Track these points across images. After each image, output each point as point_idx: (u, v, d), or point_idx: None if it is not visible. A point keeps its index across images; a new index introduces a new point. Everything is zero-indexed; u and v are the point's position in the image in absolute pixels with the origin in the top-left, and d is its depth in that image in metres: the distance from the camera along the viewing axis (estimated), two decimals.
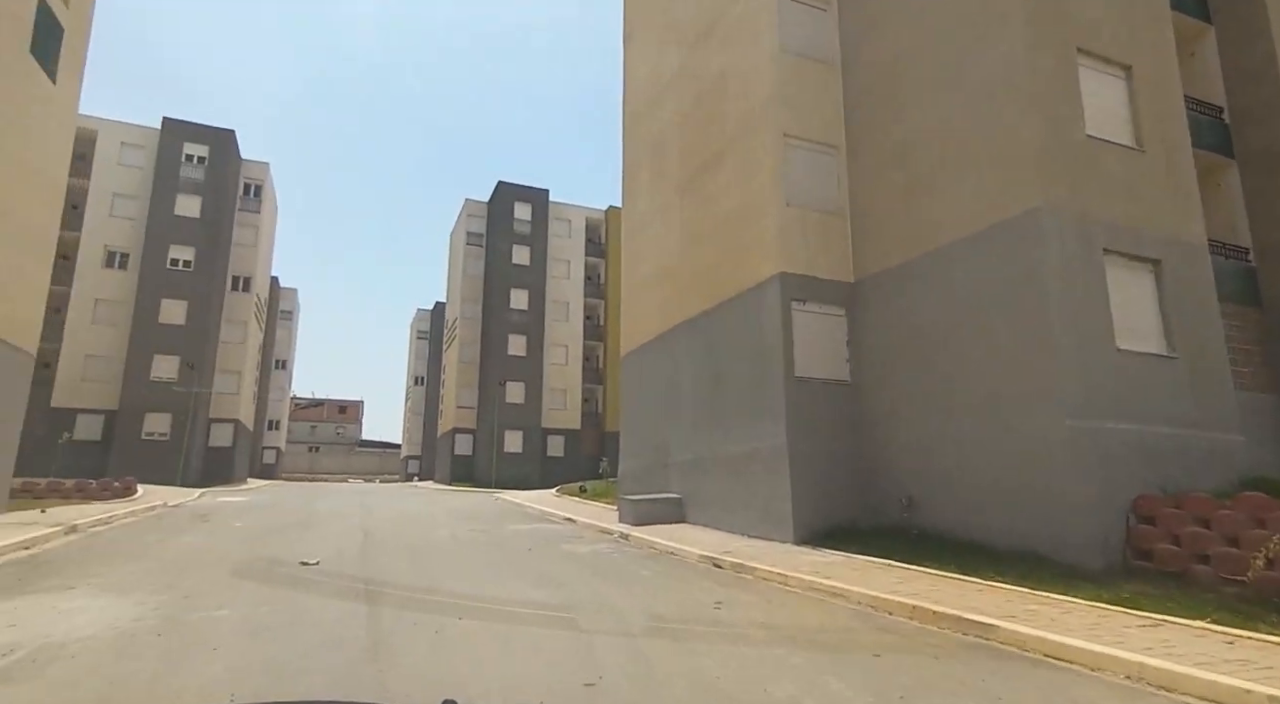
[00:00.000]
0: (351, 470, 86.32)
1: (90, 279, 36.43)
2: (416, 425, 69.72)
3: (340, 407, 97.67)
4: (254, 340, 43.63)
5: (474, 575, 8.86)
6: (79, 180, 37.24)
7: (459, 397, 45.94)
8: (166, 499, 20.59)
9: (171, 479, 33.88)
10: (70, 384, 35.38)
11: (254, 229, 42.56)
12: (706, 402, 14.34)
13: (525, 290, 45.04)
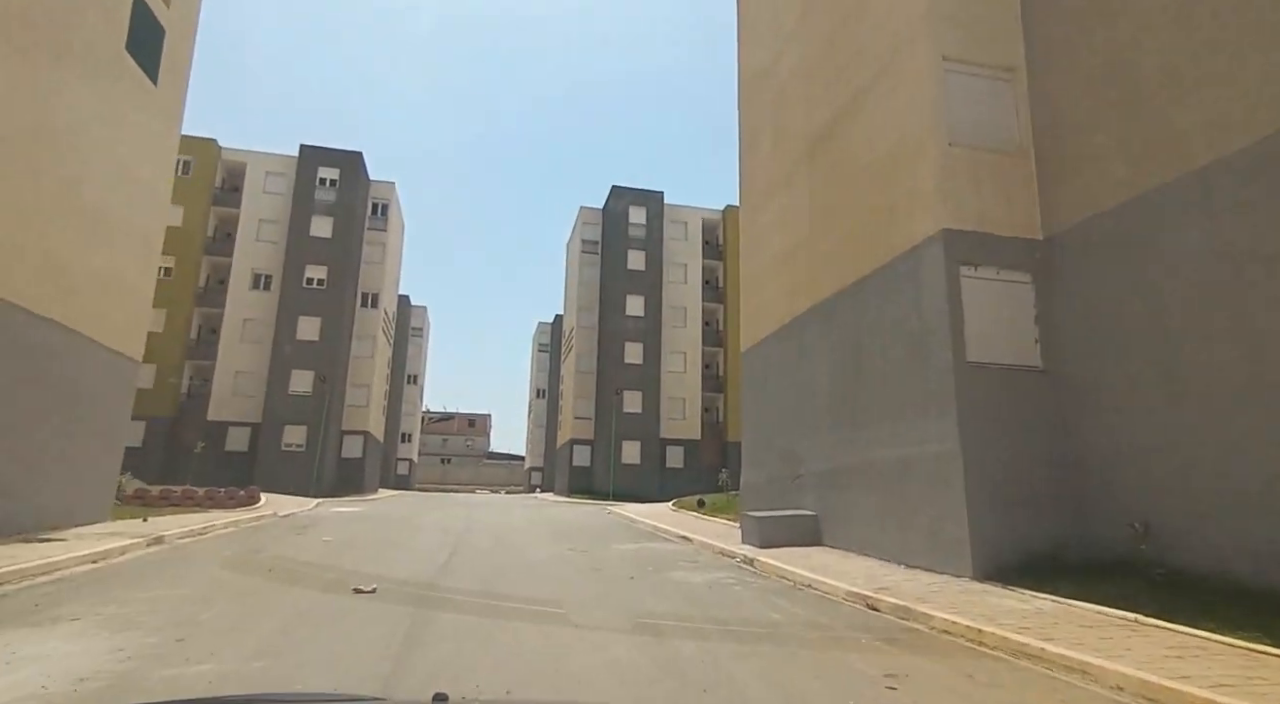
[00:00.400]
0: (480, 481, 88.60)
1: (240, 300, 38.67)
2: (539, 437, 70.13)
3: (469, 420, 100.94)
4: (382, 355, 44.93)
5: (553, 615, 6.92)
6: (230, 209, 39.87)
7: (576, 407, 45.07)
8: (279, 509, 20.41)
9: (306, 489, 34.96)
10: (223, 398, 37.55)
11: (381, 247, 43.92)
12: (845, 399, 11.77)
13: (641, 296, 43.59)
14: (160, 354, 36.92)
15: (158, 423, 36.15)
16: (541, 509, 27.94)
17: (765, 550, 11.80)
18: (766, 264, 15.54)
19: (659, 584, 8.94)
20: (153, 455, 35.69)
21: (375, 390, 42.85)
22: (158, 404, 36.37)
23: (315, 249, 39.35)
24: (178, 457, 36.58)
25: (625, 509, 25.85)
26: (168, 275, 37.86)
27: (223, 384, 37.70)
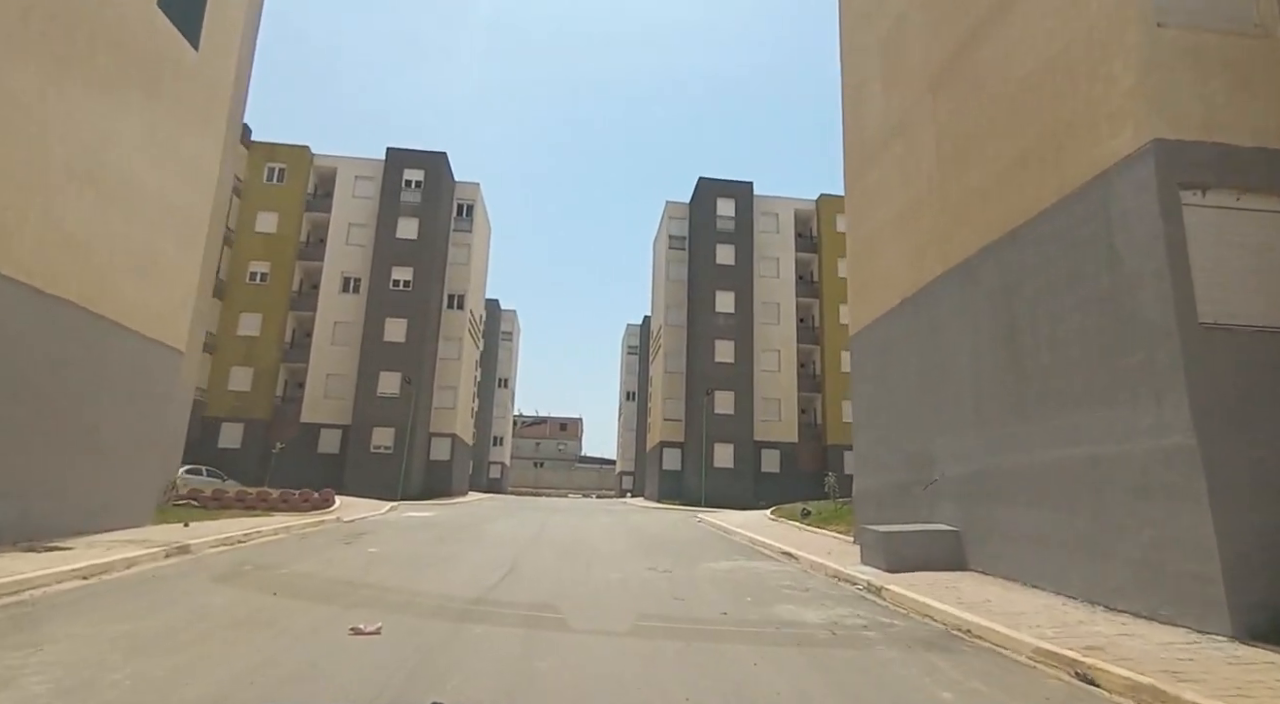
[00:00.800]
0: (572, 485, 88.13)
1: (330, 304, 39.02)
2: (629, 441, 68.61)
3: (561, 424, 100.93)
4: (469, 356, 44.47)
5: (612, 677, 4.79)
6: (322, 214, 40.42)
7: (665, 408, 43.02)
8: (348, 513, 19.37)
9: (393, 491, 34.59)
10: (315, 400, 37.90)
11: (466, 248, 43.50)
12: (998, 384, 9.08)
13: (731, 292, 41.09)
14: (257, 357, 37.68)
15: (255, 425, 36.79)
16: (626, 516, 26.00)
17: (894, 576, 9.26)
18: (880, 228, 12.91)
19: (762, 626, 6.65)
20: (250, 457, 36.34)
21: (462, 392, 42.38)
22: (255, 407, 37.06)
23: (401, 251, 39.22)
24: (275, 458, 37.13)
25: (717, 517, 23.51)
26: (263, 281, 38.71)
27: (315, 387, 38.05)
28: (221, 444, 36.38)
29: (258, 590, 7.52)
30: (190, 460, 36.36)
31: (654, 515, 26.52)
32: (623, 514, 27.21)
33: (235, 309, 37.92)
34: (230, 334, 37.62)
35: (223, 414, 36.66)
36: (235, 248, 38.61)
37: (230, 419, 36.70)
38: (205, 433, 36.32)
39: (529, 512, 26.43)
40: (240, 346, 37.53)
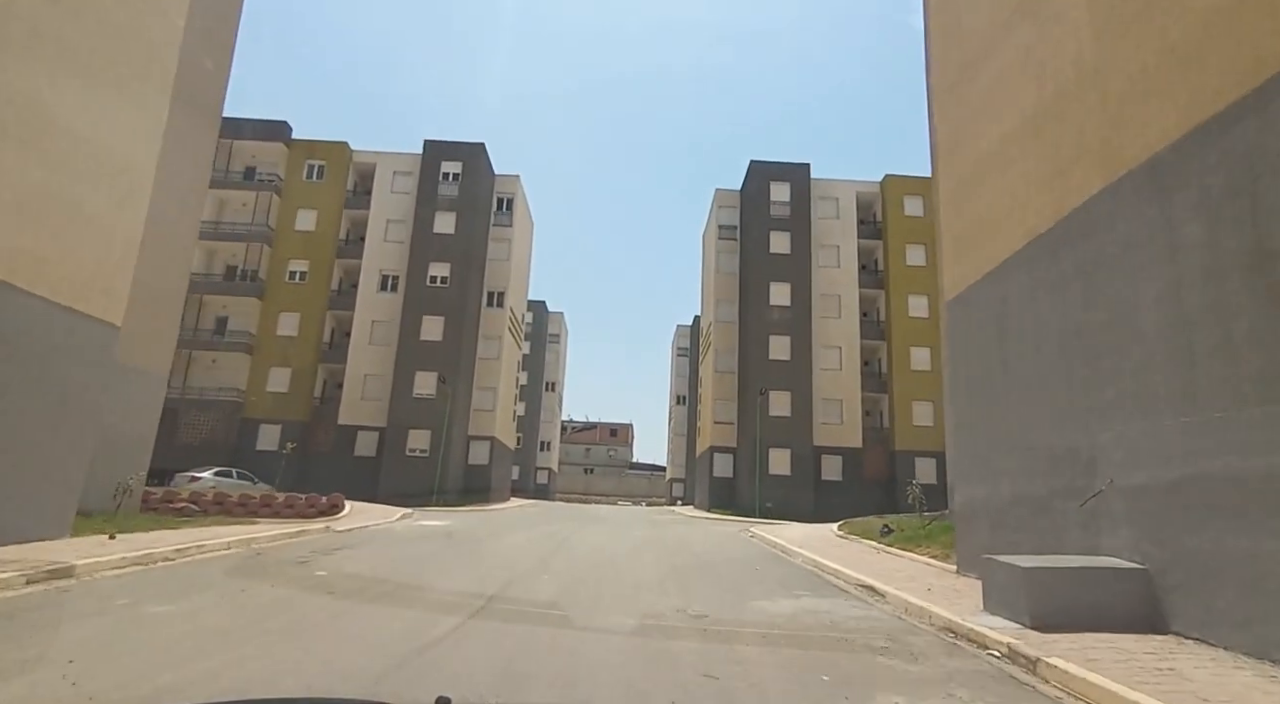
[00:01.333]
0: (622, 492, 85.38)
1: (369, 302, 37.32)
2: (680, 447, 65.41)
3: (611, 429, 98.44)
4: (510, 356, 42.19)
5: None
6: (362, 211, 38.87)
7: (715, 410, 39.74)
8: (345, 523, 16.89)
9: (427, 497, 32.40)
10: (352, 402, 36.15)
11: (506, 243, 41.30)
12: (1223, 335, 5.72)
13: (787, 283, 37.59)
14: (295, 358, 36.18)
15: (292, 427, 35.20)
16: (670, 527, 22.88)
17: (1048, 637, 5.95)
18: (990, 152, 9.55)
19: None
20: (284, 458, 34.79)
21: (503, 394, 40.07)
22: (292, 408, 35.51)
23: (438, 246, 37.24)
24: (311, 461, 35.56)
25: (774, 531, 20.18)
26: (302, 280, 37.27)
27: (352, 388, 36.31)
28: (260, 446, 34.92)
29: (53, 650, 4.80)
30: (227, 463, 35.12)
31: (701, 528, 23.35)
32: (666, 525, 24.11)
33: (275, 309, 36.56)
34: (270, 334, 36.25)
35: (260, 415, 35.23)
36: (275, 247, 37.35)
37: (268, 420, 35.22)
38: (244, 435, 34.96)
39: (562, 521, 23.65)
40: (279, 347, 36.11)
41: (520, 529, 18.25)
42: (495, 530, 17.20)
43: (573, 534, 17.78)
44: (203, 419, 34.43)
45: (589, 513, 33.28)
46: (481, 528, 17.98)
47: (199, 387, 35.20)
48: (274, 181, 37.76)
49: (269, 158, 38.70)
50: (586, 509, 38.88)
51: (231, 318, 36.84)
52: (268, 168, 38.31)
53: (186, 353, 35.48)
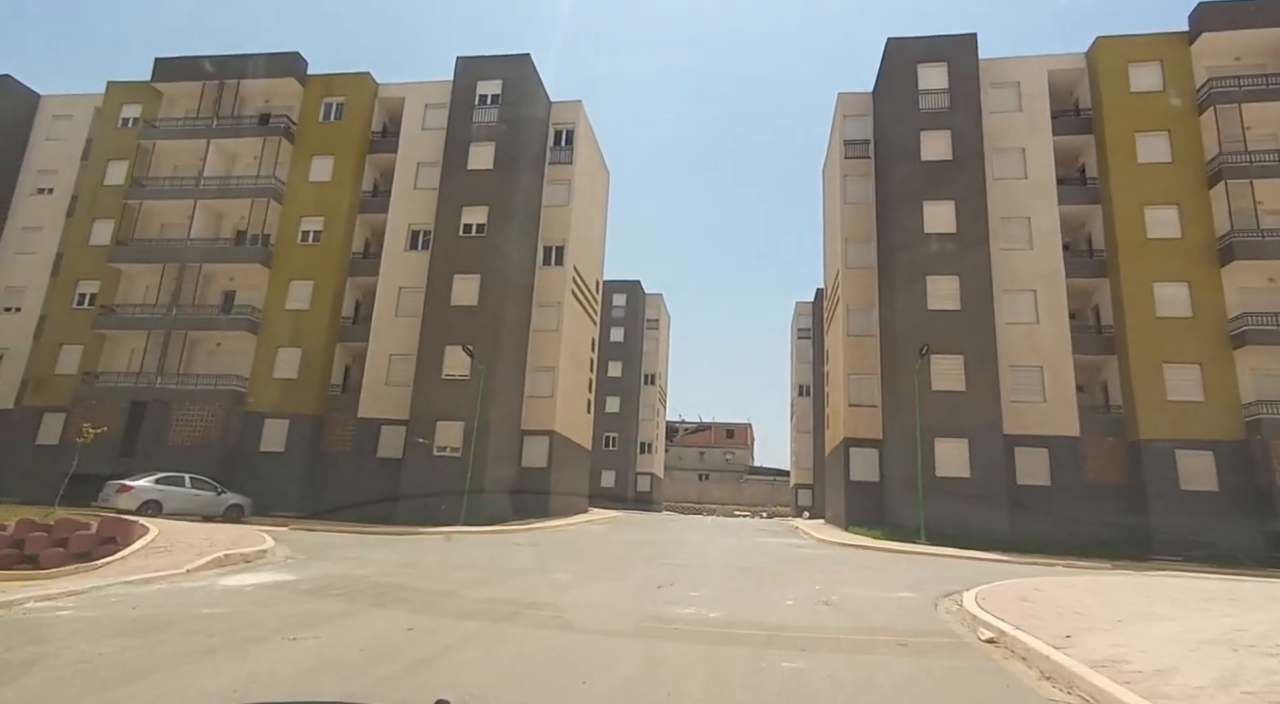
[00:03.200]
0: (741, 500, 74.51)
1: (395, 264, 29.63)
2: (806, 446, 53.92)
3: (727, 430, 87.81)
4: (576, 329, 33.14)
5: None
6: (387, 156, 31.40)
7: (850, 390, 28.57)
8: (54, 585, 8.03)
9: (454, 511, 23.82)
10: (375, 389, 28.44)
11: (565, 185, 32.40)
12: None
13: (948, 202, 25.95)
14: (306, 335, 28.98)
15: (302, 422, 27.96)
16: (780, 569, 12.43)
17: None
18: None
19: None
20: (294, 464, 27.55)
21: (566, 376, 31.07)
22: (302, 398, 28.23)
23: (473, 186, 28.90)
24: (325, 465, 28.19)
25: (986, 580, 9.37)
26: (315, 241, 30.16)
27: (375, 372, 28.62)
28: (264, 446, 27.93)
29: None
30: (220, 469, 28.44)
31: (838, 572, 12.68)
32: (776, 563, 13.64)
33: (284, 277, 29.64)
34: (278, 308, 29.34)
35: (266, 409, 28.25)
36: (286, 203, 30.54)
37: (275, 415, 28.18)
38: (246, 432, 28.10)
39: (593, 553, 13.94)
40: (288, 323, 29.09)
41: (511, 581, 8.80)
42: (450, 583, 7.82)
43: (593, 596, 8.09)
44: (198, 415, 27.85)
45: (666, 540, 23.41)
46: (432, 577, 8.64)
47: (198, 375, 28.77)
48: (284, 125, 31.03)
49: (284, 101, 32.14)
50: (675, 524, 29.11)
51: (240, 292, 30.37)
52: (281, 111, 31.70)
53: (183, 335, 29.22)
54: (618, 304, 56.23)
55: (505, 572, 10.70)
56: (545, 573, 10.60)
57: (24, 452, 29.10)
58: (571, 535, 20.14)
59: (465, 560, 11.97)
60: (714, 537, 23.43)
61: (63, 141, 34.03)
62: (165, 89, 32.41)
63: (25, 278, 32.33)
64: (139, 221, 30.89)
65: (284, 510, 26.44)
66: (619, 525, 27.79)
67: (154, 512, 20.73)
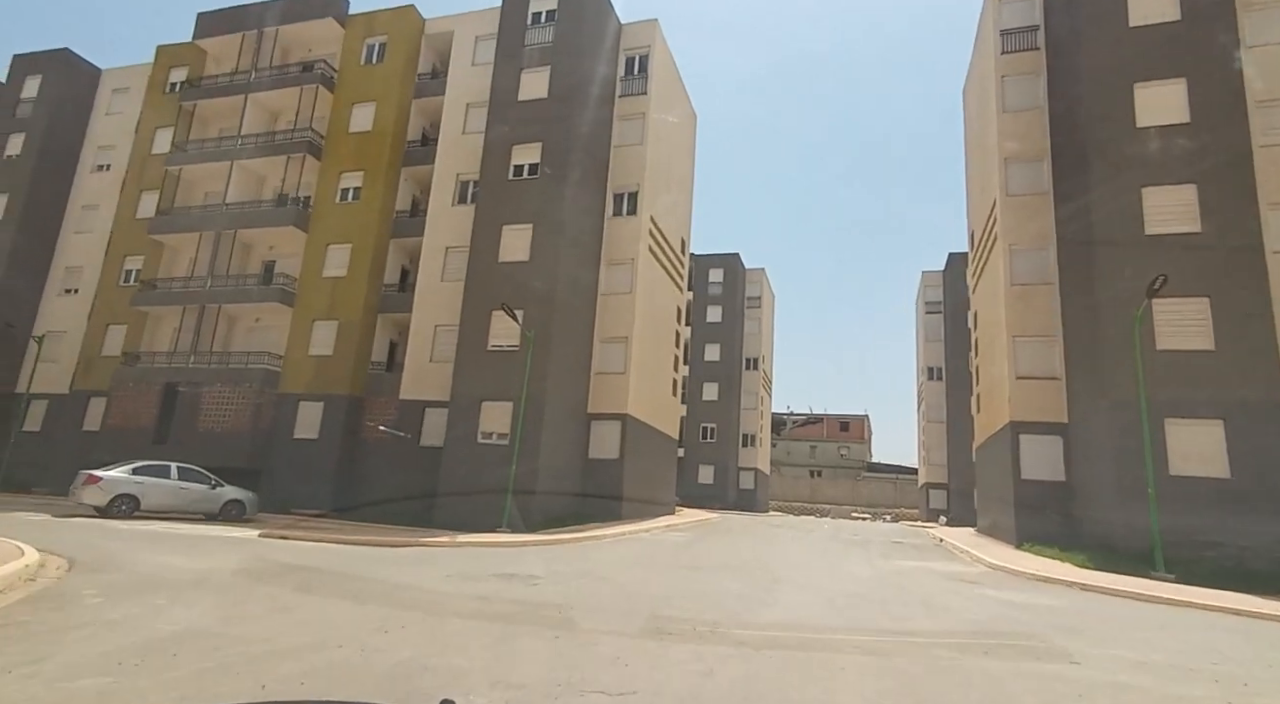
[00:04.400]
0: (859, 500, 66.04)
1: (441, 221, 24.96)
2: (937, 438, 45.29)
3: (841, 423, 79.15)
4: (654, 295, 27.20)
5: None
6: (434, 100, 26.84)
7: (1018, 358, 20.84)
8: None
9: (495, 512, 18.61)
10: (419, 367, 23.84)
11: (639, 121, 26.52)
12: None
13: (1175, 82, 17.78)
14: (343, 306, 24.86)
15: (337, 404, 23.80)
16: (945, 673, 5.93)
17: None
18: None
19: None
20: (329, 453, 23.42)
21: (640, 348, 25.23)
22: (338, 377, 24.08)
23: (525, 120, 23.65)
24: (364, 454, 23.90)
25: None
26: (355, 198, 26.01)
27: (419, 346, 24.04)
28: (298, 433, 24.02)
29: None
30: (250, 460, 24.80)
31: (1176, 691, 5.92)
32: (977, 645, 6.98)
33: (321, 240, 25.70)
34: (314, 276, 25.42)
35: (300, 390, 24.34)
36: (325, 158, 26.63)
37: (309, 397, 24.21)
38: (279, 417, 24.29)
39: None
40: (325, 292, 25.10)
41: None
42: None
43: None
44: (230, 398, 24.31)
45: (763, 547, 16.90)
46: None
47: (231, 353, 25.31)
48: (321, 71, 27.12)
49: (326, 48, 28.31)
50: (781, 529, 22.48)
51: (280, 261, 26.75)
52: (324, 59, 27.85)
53: (217, 310, 25.87)
54: (714, 280, 49.85)
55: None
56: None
57: (71, 438, 26.85)
58: (623, 554, 14.26)
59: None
60: (833, 555, 16.73)
61: (120, 115, 32.01)
62: (208, 46, 29.45)
63: (83, 257, 30.41)
64: (180, 190, 28.02)
65: (313, 507, 22.33)
66: (705, 533, 21.60)
67: (128, 509, 16.76)
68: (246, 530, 14.90)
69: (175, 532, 14.26)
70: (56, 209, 31.28)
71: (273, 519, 19.96)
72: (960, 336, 42.38)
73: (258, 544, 12.72)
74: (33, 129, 31.42)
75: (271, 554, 11.21)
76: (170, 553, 10.08)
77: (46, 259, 30.86)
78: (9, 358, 28.70)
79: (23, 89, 32.33)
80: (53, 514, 16.79)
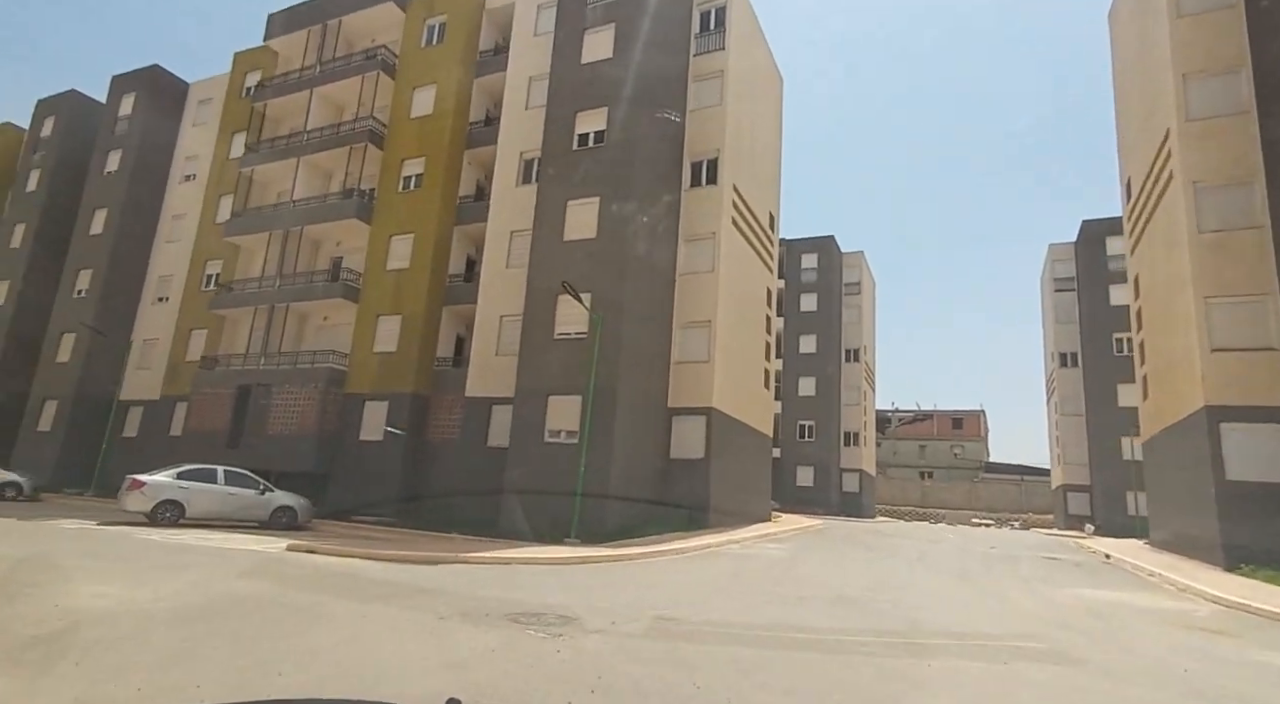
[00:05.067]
0: (977, 505, 59.54)
1: (505, 202, 22.87)
2: (1073, 433, 39.20)
3: (954, 419, 72.32)
4: (741, 272, 23.94)
5: None
6: (497, 77, 24.88)
7: (1210, 320, 16.09)
8: None
9: (563, 520, 16.07)
10: (484, 360, 21.76)
11: (717, 81, 23.41)
12: None
13: None
14: (406, 300, 23.19)
15: (401, 402, 22.09)
16: None
17: None
18: None
19: None
20: (395, 455, 21.67)
21: (726, 334, 22.05)
22: (401, 375, 22.40)
23: (589, 82, 21.13)
24: (429, 456, 22.03)
25: None
26: (417, 186, 24.36)
27: (484, 338, 21.98)
28: (364, 434, 22.49)
29: None
30: (315, 464, 23.38)
31: None
32: None
33: (384, 231, 24.22)
34: (379, 269, 23.95)
35: (365, 389, 22.84)
36: (386, 147, 25.19)
37: (374, 396, 22.66)
38: (346, 417, 22.88)
39: None
40: (389, 285, 23.56)
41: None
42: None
43: None
44: (296, 400, 23.14)
45: (885, 566, 13.28)
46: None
47: (298, 353, 24.21)
48: (382, 57, 25.74)
49: (389, 36, 26.99)
50: (903, 545, 18.53)
51: (347, 257, 25.53)
52: (386, 47, 26.52)
53: (286, 310, 24.88)
54: (807, 266, 45.76)
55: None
56: None
57: (160, 443, 26.70)
58: (703, 576, 11.20)
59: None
60: (978, 578, 12.94)
61: (204, 125, 32.16)
62: (279, 46, 28.89)
63: (173, 266, 30.57)
64: (254, 191, 27.48)
65: (378, 513, 20.62)
66: (808, 546, 18.11)
67: (173, 516, 15.33)
68: (281, 541, 12.98)
69: (197, 542, 12.50)
70: (150, 220, 31.73)
71: (327, 527, 18.28)
72: (1101, 315, 36.36)
73: (265, 561, 10.62)
74: (128, 145, 32.06)
75: (255, 577, 9.00)
76: (124, 576, 7.99)
77: (142, 269, 31.31)
78: (110, 367, 29.04)
79: (120, 107, 33.15)
80: (98, 522, 15.63)
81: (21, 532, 12.80)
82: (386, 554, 11.54)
